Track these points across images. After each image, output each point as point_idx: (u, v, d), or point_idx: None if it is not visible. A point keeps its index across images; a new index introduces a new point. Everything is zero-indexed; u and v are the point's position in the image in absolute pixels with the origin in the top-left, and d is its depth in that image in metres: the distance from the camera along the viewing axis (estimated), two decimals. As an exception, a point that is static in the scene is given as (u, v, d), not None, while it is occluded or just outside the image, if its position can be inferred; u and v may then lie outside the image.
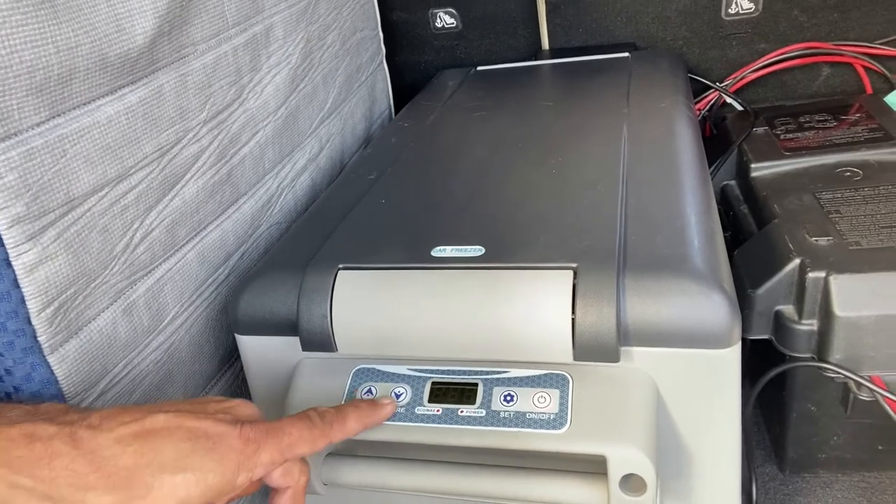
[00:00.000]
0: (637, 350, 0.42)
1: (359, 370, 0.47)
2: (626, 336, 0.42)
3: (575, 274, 0.43)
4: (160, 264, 0.49)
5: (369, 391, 0.46)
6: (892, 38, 0.90)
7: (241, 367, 0.53)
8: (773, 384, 0.63)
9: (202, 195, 0.53)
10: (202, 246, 0.54)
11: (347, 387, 0.47)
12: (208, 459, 0.34)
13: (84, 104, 0.41)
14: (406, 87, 1.00)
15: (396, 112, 0.99)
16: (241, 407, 0.38)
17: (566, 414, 0.42)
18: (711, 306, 0.41)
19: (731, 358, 0.42)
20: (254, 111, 0.60)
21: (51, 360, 0.40)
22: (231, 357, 0.58)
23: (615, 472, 0.40)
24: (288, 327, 0.48)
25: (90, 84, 0.42)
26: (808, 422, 0.64)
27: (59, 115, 0.40)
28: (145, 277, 0.48)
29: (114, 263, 0.45)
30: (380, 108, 0.95)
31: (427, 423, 0.44)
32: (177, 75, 0.50)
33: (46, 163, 0.39)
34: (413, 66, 1.07)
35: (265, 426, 0.36)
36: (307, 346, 0.47)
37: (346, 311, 0.46)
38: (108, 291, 0.44)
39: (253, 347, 0.50)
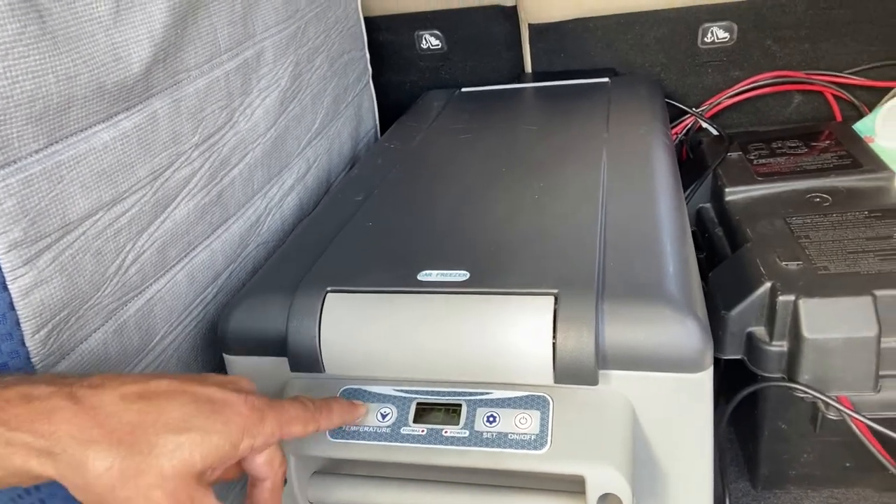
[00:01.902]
0: (615, 373, 0.44)
1: (346, 390, 0.48)
2: (604, 360, 0.44)
3: (556, 300, 0.45)
4: (151, 285, 0.50)
5: (356, 411, 0.47)
6: (860, 67, 0.94)
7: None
8: (746, 403, 0.65)
9: (192, 216, 0.54)
10: (191, 266, 0.54)
11: (334, 407, 0.48)
12: (214, 421, 0.33)
13: (81, 131, 0.43)
14: (391, 107, 1.01)
15: (382, 131, 1.01)
16: (242, 382, 0.38)
17: (546, 435, 0.43)
18: (685, 333, 0.43)
19: (703, 381, 0.43)
20: (244, 133, 0.62)
21: (43, 381, 0.40)
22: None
23: (593, 492, 0.41)
24: (276, 348, 0.49)
25: (87, 111, 0.43)
26: (779, 440, 0.66)
27: (56, 143, 0.41)
28: (136, 298, 0.49)
29: (106, 285, 0.45)
30: (366, 127, 0.96)
31: (412, 442, 0.45)
32: (171, 100, 0.51)
33: (43, 189, 0.40)
34: (398, 86, 1.09)
35: (267, 399, 0.37)
36: (295, 366, 0.49)
37: (334, 333, 0.48)
38: (99, 312, 0.45)
39: (241, 367, 0.51)
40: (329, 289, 0.49)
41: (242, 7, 0.60)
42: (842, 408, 0.59)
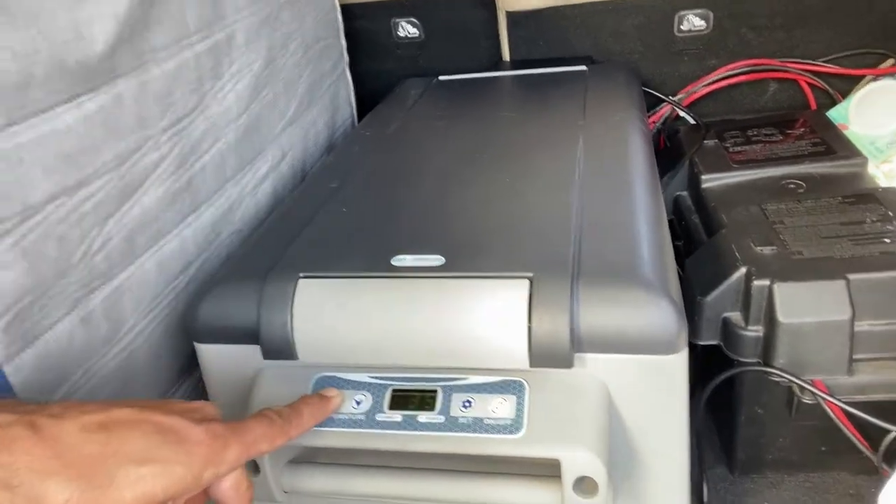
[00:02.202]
0: (590, 356, 0.44)
1: (320, 378, 0.48)
2: (579, 343, 0.43)
3: (531, 283, 0.44)
4: (119, 273, 0.49)
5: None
6: (834, 56, 0.95)
7: (201, 376, 0.53)
8: (722, 388, 0.65)
9: (162, 203, 0.53)
10: (161, 254, 0.53)
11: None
12: (175, 452, 0.33)
13: (42, 112, 0.41)
14: (368, 95, 1.00)
15: (359, 120, 1.00)
16: (206, 408, 0.37)
17: (522, 419, 0.43)
18: (659, 314, 0.43)
19: (678, 363, 0.43)
20: (215, 118, 0.60)
21: (6, 369, 0.39)
22: (190, 366, 0.58)
23: (568, 475, 0.41)
24: (248, 336, 0.48)
25: (48, 91, 0.41)
26: (755, 424, 0.66)
27: (15, 123, 0.39)
28: (103, 286, 0.48)
29: (71, 272, 0.44)
30: (342, 116, 0.95)
31: (387, 429, 0.44)
32: (137, 82, 0.50)
33: (3, 171, 0.38)
34: (375, 74, 1.07)
35: (230, 424, 0.36)
36: (268, 354, 0.48)
37: (306, 319, 0.47)
38: (65, 300, 0.44)
39: (212, 356, 0.50)
40: (301, 275, 0.48)
41: (212, -12, 0.59)
42: (816, 391, 0.60)
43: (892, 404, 0.60)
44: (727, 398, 0.68)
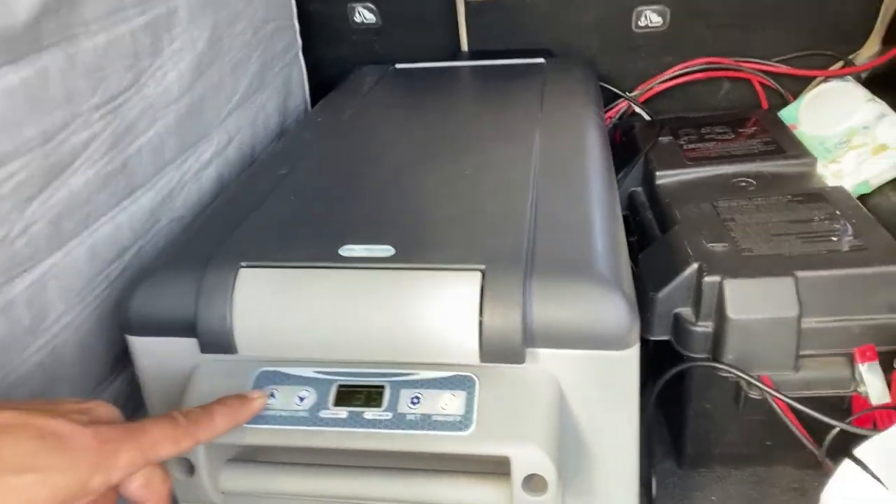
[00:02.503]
0: (542, 352, 0.43)
1: (262, 373, 0.45)
2: (531, 338, 0.42)
3: (483, 276, 0.43)
4: (43, 259, 0.46)
5: (272, 394, 0.44)
6: (786, 56, 0.96)
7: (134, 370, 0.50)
8: (673, 383, 0.65)
9: (93, 185, 0.50)
10: (92, 240, 0.50)
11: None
12: (58, 459, 0.30)
13: (-47, 82, 0.38)
14: (324, 82, 0.97)
15: (313, 106, 0.97)
16: (99, 408, 0.34)
17: (471, 416, 0.42)
18: (612, 310, 0.42)
19: (630, 359, 0.43)
20: (153, 98, 0.57)
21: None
22: (125, 359, 0.54)
23: (518, 473, 0.40)
24: (184, 328, 0.45)
25: (-39, 60, 0.38)
26: (704, 419, 0.67)
27: (-79, 93, 0.36)
28: (25, 273, 0.44)
29: (-14, 258, 0.41)
30: (295, 101, 0.92)
31: (332, 426, 0.43)
32: (64, 56, 0.46)
33: None
34: (330, 60, 1.05)
35: (124, 426, 0.34)
36: (206, 347, 0.45)
37: (247, 310, 0.44)
38: (-21, 288, 0.40)
39: (146, 349, 0.47)
40: (243, 263, 0.46)
41: (152, -41, 0.55)
42: (763, 387, 0.60)
43: (837, 400, 0.62)
44: (677, 393, 0.68)
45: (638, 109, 0.97)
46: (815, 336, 0.60)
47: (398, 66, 0.96)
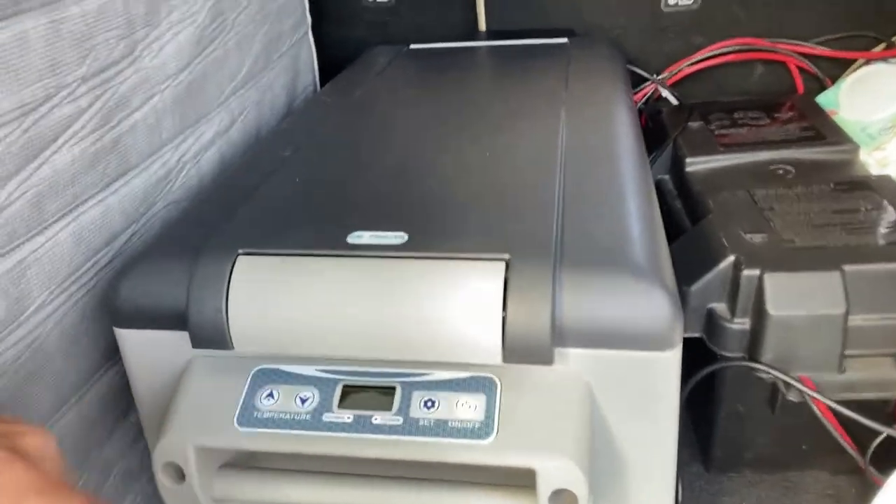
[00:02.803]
0: (572, 351, 0.39)
1: (259, 371, 0.41)
2: (560, 336, 0.38)
3: (507, 266, 0.39)
4: (22, 244, 0.42)
5: (271, 394, 0.40)
6: (824, 38, 0.91)
7: (126, 364, 0.46)
8: (702, 383, 0.61)
9: (79, 165, 0.46)
10: (78, 224, 0.46)
11: (245, 389, 0.41)
12: None
13: (-86, 42, 0.34)
14: (334, 62, 0.93)
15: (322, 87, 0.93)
16: (29, 436, 0.27)
17: (493, 422, 0.37)
18: (652, 305, 0.37)
19: (671, 361, 0.38)
20: (149, 72, 0.53)
21: None
22: (116, 352, 0.51)
23: (544, 487, 0.36)
24: (176, 320, 0.41)
25: (-77, 18, 0.34)
26: (735, 421, 0.64)
27: None
28: (1, 259, 0.40)
29: (-44, 240, 0.37)
30: (303, 81, 0.88)
31: (336, 431, 0.38)
32: (47, 20, 0.42)
33: None
34: (342, 41, 1.00)
35: (44, 478, 0.25)
36: (198, 342, 0.41)
37: (244, 302, 0.40)
38: (-52, 274, 0.37)
39: (134, 343, 0.43)
40: (241, 251, 0.42)
41: (148, -80, 0.51)
42: (804, 389, 0.56)
43: (882, 403, 0.57)
44: (707, 393, 0.64)
45: (666, 93, 0.92)
46: (861, 335, 0.56)
47: (413, 46, 0.91)
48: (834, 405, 0.56)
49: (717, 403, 0.63)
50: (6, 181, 0.40)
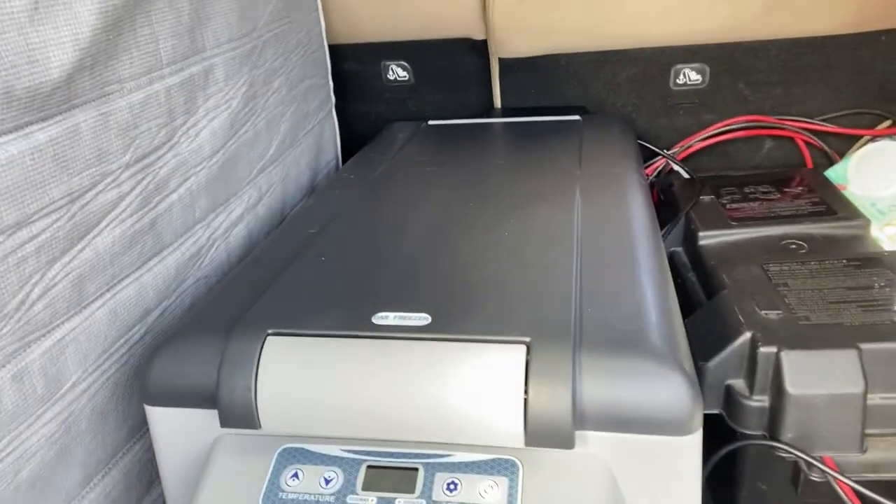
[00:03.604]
0: (592, 434, 0.39)
1: (284, 450, 0.42)
2: (581, 419, 0.38)
3: (528, 349, 0.40)
4: (62, 323, 0.43)
5: (295, 475, 0.41)
6: (831, 115, 0.93)
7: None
8: (724, 460, 0.61)
9: (118, 246, 0.48)
10: (115, 302, 0.48)
11: (271, 469, 0.41)
12: None
13: (-21, 141, 0.36)
14: (355, 138, 0.97)
15: (344, 162, 0.96)
16: None
17: (515, 506, 0.38)
18: (672, 390, 0.38)
19: (691, 446, 0.39)
20: (186, 156, 0.56)
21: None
22: (142, 427, 0.52)
23: (568, 575, 0.36)
24: (205, 399, 0.42)
25: (-11, 119, 0.37)
26: (758, 501, 0.62)
27: (-54, 153, 0.34)
28: (42, 339, 0.42)
29: (3, 324, 0.39)
30: (326, 157, 0.91)
31: (359, 514, 0.39)
32: (97, 114, 0.45)
33: (-76, 206, 0.33)
34: (363, 116, 1.05)
35: None
36: (226, 421, 0.42)
37: (273, 382, 0.41)
38: (-7, 355, 0.38)
39: (163, 420, 0.44)
40: (270, 331, 0.43)
41: (190, 19, 0.55)
42: (826, 469, 0.55)
43: (908, 485, 0.56)
44: (728, 471, 0.63)
45: (677, 167, 0.94)
46: (881, 413, 0.55)
47: (431, 122, 0.95)
48: (858, 487, 0.55)
49: (739, 482, 0.62)
50: (52, 264, 0.42)
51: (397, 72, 1.03)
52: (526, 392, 0.39)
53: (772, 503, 0.62)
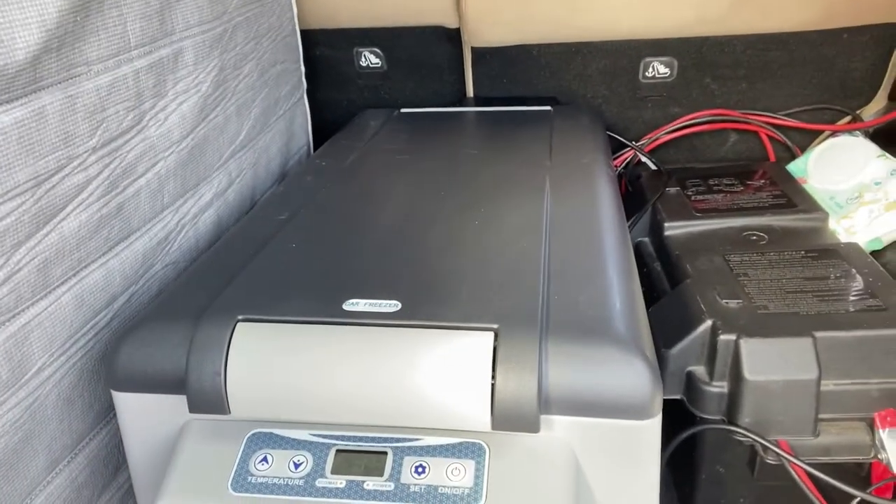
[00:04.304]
0: (557, 419, 0.40)
1: (254, 435, 0.42)
2: (546, 404, 0.40)
3: (496, 336, 0.41)
4: (27, 308, 0.43)
5: (265, 459, 0.41)
6: (794, 110, 0.96)
7: (118, 426, 0.47)
8: (683, 444, 0.63)
9: (85, 230, 0.47)
10: (81, 287, 0.47)
11: (240, 454, 0.42)
12: None
13: (-59, 122, 0.36)
14: (327, 124, 0.96)
15: (316, 149, 0.96)
16: None
17: (481, 488, 0.39)
18: (634, 376, 0.39)
19: (651, 429, 0.40)
20: (154, 140, 0.55)
21: None
22: (108, 413, 0.51)
23: (531, 554, 0.37)
24: (173, 384, 0.43)
25: (-49, 99, 0.36)
26: (716, 483, 0.64)
27: None
28: (7, 324, 0.41)
29: (-34, 307, 0.38)
30: (297, 143, 0.91)
31: (328, 497, 0.39)
32: (63, 96, 0.44)
33: None
34: (335, 103, 1.04)
35: None
36: (196, 406, 0.42)
37: (243, 368, 0.42)
38: (-45, 340, 0.38)
39: (131, 406, 0.44)
40: (240, 317, 0.43)
41: (160, 1, 0.54)
42: (781, 452, 0.58)
43: (857, 466, 0.59)
44: (687, 455, 0.65)
45: (644, 159, 0.96)
46: (834, 399, 0.58)
47: (403, 110, 0.95)
48: (810, 469, 0.57)
49: (698, 465, 0.64)
50: (17, 248, 0.41)
51: (370, 58, 1.02)
52: (493, 378, 0.40)
53: (729, 485, 0.64)
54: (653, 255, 0.80)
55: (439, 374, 0.40)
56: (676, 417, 0.63)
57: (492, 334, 0.41)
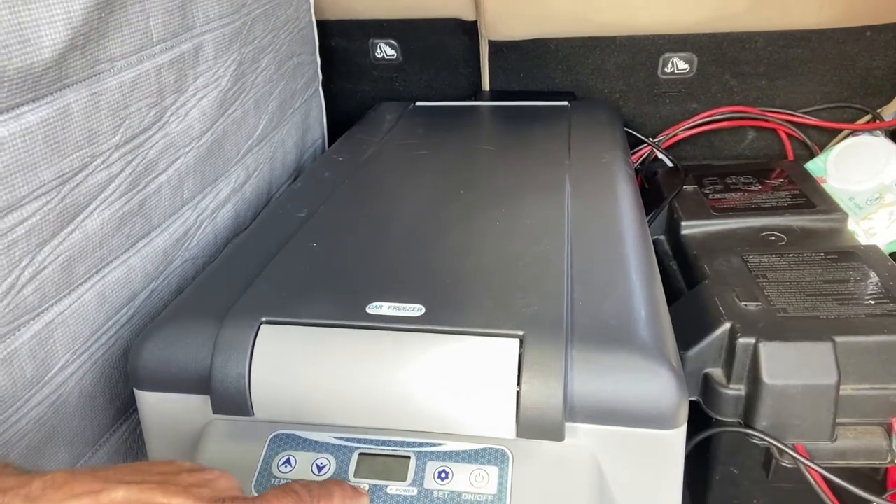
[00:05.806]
0: (581, 427, 0.40)
1: (277, 436, 0.42)
2: (572, 412, 0.39)
3: (521, 342, 0.40)
4: (51, 306, 0.43)
5: (287, 461, 0.41)
6: (813, 108, 0.95)
7: (139, 421, 0.47)
8: (698, 445, 0.63)
9: (108, 228, 0.47)
10: (103, 284, 0.47)
11: (263, 455, 0.42)
12: None
13: (-30, 123, 0.36)
14: (341, 117, 0.96)
15: (330, 141, 0.95)
16: (221, 480, 0.31)
17: (505, 495, 0.39)
18: (659, 385, 0.39)
19: (676, 439, 0.40)
20: (175, 136, 0.55)
21: None
22: (128, 409, 0.52)
23: (555, 561, 0.37)
24: (198, 385, 0.43)
25: (-21, 100, 0.36)
26: (730, 484, 0.64)
27: (-64, 135, 0.34)
28: (32, 322, 0.41)
29: (-7, 307, 0.38)
30: (313, 136, 0.90)
31: (352, 500, 0.39)
32: (88, 94, 0.44)
33: (-86, 190, 0.32)
34: (349, 95, 1.03)
35: (247, 501, 0.31)
36: (219, 408, 0.42)
37: (267, 371, 0.42)
38: (-18, 340, 0.38)
39: (154, 405, 0.44)
40: (264, 319, 0.43)
41: (181, -5, 0.54)
42: (798, 456, 0.58)
43: (873, 471, 0.59)
44: (702, 456, 0.65)
45: (661, 156, 0.95)
46: (851, 404, 0.57)
47: (419, 103, 0.94)
48: (826, 473, 0.57)
49: (712, 465, 0.64)
50: (42, 247, 0.41)
51: (385, 50, 1.01)
52: (518, 384, 0.39)
53: (743, 487, 0.64)
54: (668, 253, 0.80)
55: (464, 380, 0.40)
56: (692, 418, 0.63)
57: (517, 341, 0.41)
